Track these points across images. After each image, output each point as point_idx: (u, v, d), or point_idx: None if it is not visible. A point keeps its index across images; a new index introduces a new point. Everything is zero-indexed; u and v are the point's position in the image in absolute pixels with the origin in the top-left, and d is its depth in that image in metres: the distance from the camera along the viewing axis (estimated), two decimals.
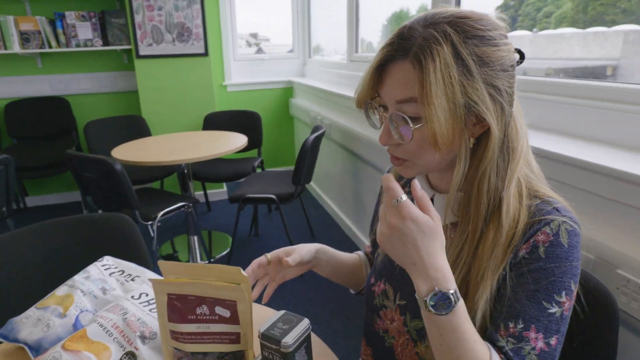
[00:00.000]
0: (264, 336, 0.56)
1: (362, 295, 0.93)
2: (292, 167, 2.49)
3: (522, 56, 0.60)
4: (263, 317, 0.87)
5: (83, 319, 0.80)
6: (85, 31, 3.19)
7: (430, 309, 0.53)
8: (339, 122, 2.68)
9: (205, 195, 3.52)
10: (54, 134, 3.50)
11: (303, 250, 0.80)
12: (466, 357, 0.53)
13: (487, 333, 0.60)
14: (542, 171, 0.65)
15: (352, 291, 0.95)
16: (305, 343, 0.57)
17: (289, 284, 2.30)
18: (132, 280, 0.90)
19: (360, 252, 0.96)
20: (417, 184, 0.55)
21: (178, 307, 0.64)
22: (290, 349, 0.54)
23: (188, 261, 2.63)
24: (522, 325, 0.56)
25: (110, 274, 0.92)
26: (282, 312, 0.60)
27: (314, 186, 3.64)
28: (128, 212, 2.11)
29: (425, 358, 0.68)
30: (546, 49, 1.64)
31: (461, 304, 0.54)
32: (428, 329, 0.56)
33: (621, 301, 0.81)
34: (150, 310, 0.78)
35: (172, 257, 2.71)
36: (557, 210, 0.58)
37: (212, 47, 3.55)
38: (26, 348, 0.77)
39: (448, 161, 0.61)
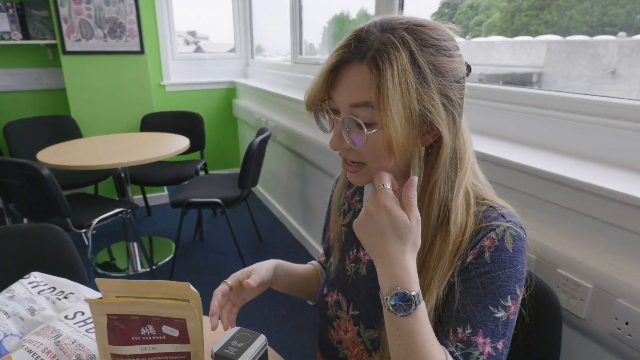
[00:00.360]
0: (217, 356, 0.53)
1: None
2: (237, 170, 2.43)
3: (469, 69, 0.61)
4: (214, 332, 0.83)
5: (7, 344, 0.72)
6: (1, 23, 2.90)
7: (390, 308, 0.53)
8: (284, 124, 2.65)
9: (145, 199, 3.34)
10: None
11: (262, 270, 0.76)
12: (424, 358, 0.53)
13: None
14: (490, 175, 0.67)
15: (310, 303, 0.93)
16: None
17: None
18: (65, 297, 0.82)
19: (314, 262, 0.94)
20: (414, 181, 0.56)
21: (120, 328, 0.59)
22: None
23: (127, 269, 2.48)
24: (470, 331, 0.57)
25: (39, 292, 0.83)
26: (237, 328, 0.57)
27: (260, 189, 3.58)
28: (58, 221, 1.95)
29: None
30: (479, 56, 1.73)
31: (422, 308, 0.54)
32: (387, 326, 0.55)
33: (562, 299, 0.86)
34: (87, 330, 0.72)
35: (109, 264, 2.54)
36: (502, 216, 0.60)
37: (149, 44, 3.38)
38: None
39: (402, 169, 0.61)
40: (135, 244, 2.57)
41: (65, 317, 0.75)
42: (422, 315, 0.54)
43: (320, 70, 0.58)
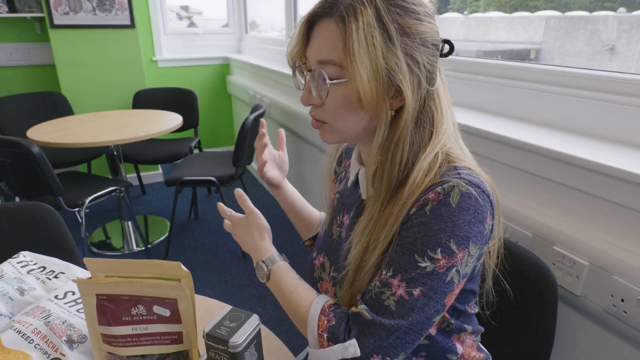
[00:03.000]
0: (209, 336, 0.51)
1: (309, 247, 0.97)
2: (231, 148, 2.40)
3: (451, 47, 0.62)
4: (206, 312, 0.83)
5: None
6: None
7: (259, 278, 0.70)
8: (279, 101, 2.61)
9: (139, 177, 3.31)
10: None
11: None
12: (291, 306, 0.66)
13: None
14: (484, 151, 0.66)
15: (302, 238, 0.99)
16: (255, 340, 0.53)
17: (233, 271, 2.24)
18: (56, 277, 0.81)
19: (323, 214, 0.96)
20: (238, 191, 0.81)
21: (109, 308, 0.58)
22: (239, 349, 0.50)
23: (122, 247, 2.47)
24: (390, 273, 0.57)
25: (28, 272, 0.82)
26: (229, 308, 0.56)
27: (255, 167, 3.56)
28: (51, 199, 1.92)
29: None
30: (476, 32, 1.69)
31: (276, 267, 0.70)
32: None
33: (557, 276, 0.86)
34: (77, 310, 0.71)
35: (104, 244, 2.53)
36: (458, 174, 0.58)
37: (139, 19, 3.29)
38: None
39: (368, 130, 0.62)
40: (129, 223, 2.55)
41: (56, 297, 0.74)
42: (278, 272, 0.70)
43: (296, 25, 0.62)
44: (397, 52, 0.55)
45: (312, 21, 0.60)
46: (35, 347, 0.63)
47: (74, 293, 0.75)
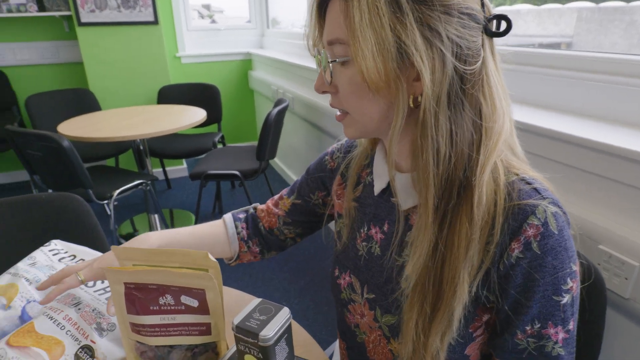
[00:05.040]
0: (239, 329, 0.50)
1: (232, 264, 0.86)
2: (254, 143, 2.40)
3: (508, 24, 0.51)
4: (234, 304, 0.82)
5: (30, 311, 0.72)
6: None
7: None
8: (302, 95, 2.59)
9: (165, 172, 3.37)
10: None
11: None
12: None
13: (500, 341, 0.56)
14: (523, 145, 0.61)
15: (226, 261, 0.87)
16: (285, 334, 0.52)
17: (256, 264, 2.25)
18: None
19: (227, 217, 0.85)
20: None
21: (138, 297, 0.58)
22: (270, 343, 0.49)
23: None
24: (538, 325, 0.53)
25: (59, 260, 0.83)
26: (258, 300, 0.55)
27: (277, 161, 3.56)
28: (81, 192, 1.97)
29: (398, 355, 0.63)
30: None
31: None
32: None
33: (603, 277, 0.82)
34: (106, 298, 0.71)
35: (132, 236, 2.57)
36: (536, 191, 0.52)
37: (163, 15, 3.33)
38: None
39: (391, 120, 0.53)
40: (156, 215, 2.60)
41: (86, 284, 0.74)
42: None
43: (309, 10, 0.57)
44: (407, 21, 0.46)
45: (323, 3, 0.54)
46: (67, 334, 0.63)
47: (103, 282, 0.75)
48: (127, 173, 2.38)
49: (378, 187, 0.65)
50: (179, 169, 3.58)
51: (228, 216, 0.85)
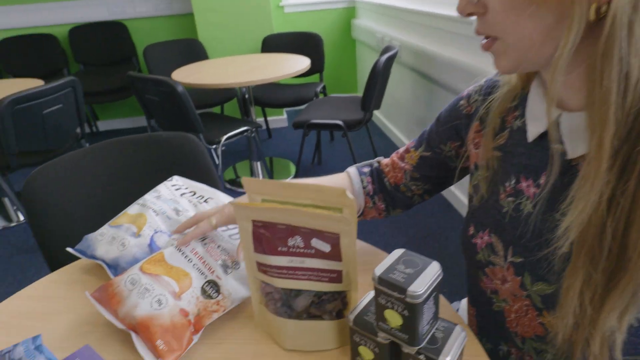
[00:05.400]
0: (382, 281, 0.43)
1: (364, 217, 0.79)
2: (354, 94, 2.29)
3: None
4: (366, 253, 0.76)
5: (158, 240, 0.72)
6: None
7: None
8: (410, 43, 2.39)
9: (266, 121, 3.43)
10: (115, 60, 3.49)
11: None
12: None
13: None
14: None
15: None
16: (434, 292, 0.43)
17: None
18: (205, 202, 0.81)
19: (351, 170, 0.77)
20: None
21: (265, 236, 0.53)
22: (419, 300, 0.41)
23: None
24: None
25: (181, 195, 0.83)
26: (401, 251, 0.47)
27: (378, 115, 3.42)
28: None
29: (552, 330, 0.52)
30: None
31: None
32: None
33: None
34: (230, 236, 0.68)
35: (235, 182, 2.69)
36: None
37: None
38: (104, 265, 0.71)
39: (556, 41, 0.41)
40: (258, 163, 2.66)
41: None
42: None
43: None
44: None
45: None
46: (194, 267, 0.62)
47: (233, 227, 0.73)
48: (233, 120, 2.44)
49: (535, 132, 0.53)
50: (279, 119, 3.63)
51: (352, 169, 0.78)
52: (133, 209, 0.77)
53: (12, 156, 1.94)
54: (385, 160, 0.79)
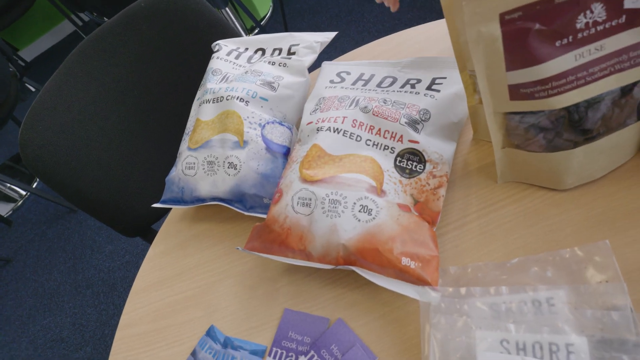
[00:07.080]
0: None
1: None
2: None
3: None
4: None
5: (274, 135, 0.48)
6: None
7: None
8: None
9: None
10: None
11: None
12: None
13: None
14: None
15: None
16: None
17: None
18: (292, 54, 0.54)
19: None
20: None
21: (531, 34, 0.29)
22: None
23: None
24: None
25: (247, 60, 0.56)
26: None
27: None
28: None
29: None
30: None
31: None
32: None
33: None
34: (385, 89, 0.44)
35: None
36: None
37: None
38: (223, 204, 0.49)
39: None
40: (225, 10, 2.19)
41: (335, 76, 0.48)
42: None
43: None
44: None
45: None
46: (368, 144, 0.40)
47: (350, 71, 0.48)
48: None
49: None
50: None
51: None
52: (206, 113, 0.51)
53: None
54: None
